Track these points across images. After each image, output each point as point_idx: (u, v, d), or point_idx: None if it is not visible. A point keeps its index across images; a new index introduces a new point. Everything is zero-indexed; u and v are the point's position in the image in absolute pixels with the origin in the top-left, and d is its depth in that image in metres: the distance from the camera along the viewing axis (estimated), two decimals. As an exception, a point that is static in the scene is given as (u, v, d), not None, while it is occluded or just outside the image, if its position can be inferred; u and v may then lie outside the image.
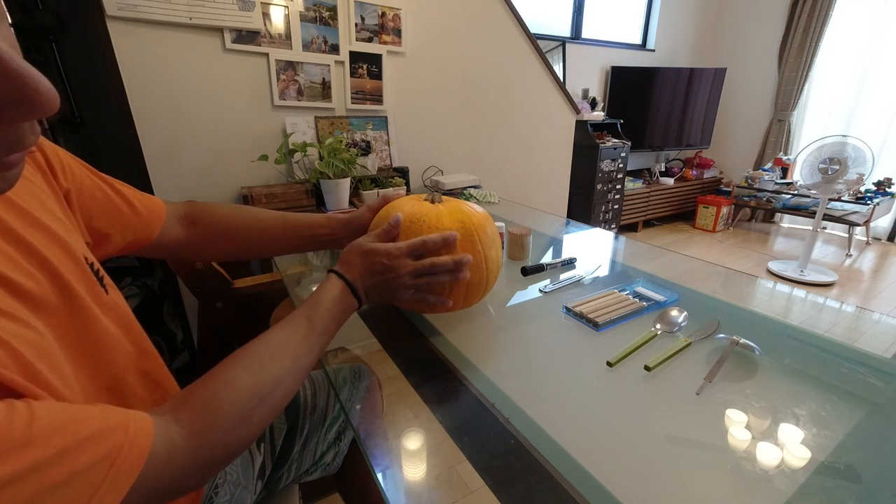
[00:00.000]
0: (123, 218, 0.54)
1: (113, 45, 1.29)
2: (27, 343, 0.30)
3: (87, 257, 0.41)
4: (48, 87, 0.23)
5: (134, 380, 0.43)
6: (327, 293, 0.52)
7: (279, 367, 0.43)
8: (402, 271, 0.56)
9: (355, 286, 0.55)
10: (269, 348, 0.44)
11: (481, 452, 0.45)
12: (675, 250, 1.65)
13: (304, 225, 0.74)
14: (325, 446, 0.72)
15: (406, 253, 0.57)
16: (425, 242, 0.58)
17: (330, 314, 0.51)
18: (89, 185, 0.50)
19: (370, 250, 0.57)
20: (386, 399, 0.65)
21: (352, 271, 0.55)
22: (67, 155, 0.48)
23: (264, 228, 0.72)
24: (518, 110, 2.25)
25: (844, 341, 0.65)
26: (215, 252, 0.70)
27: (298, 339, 0.47)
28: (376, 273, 0.56)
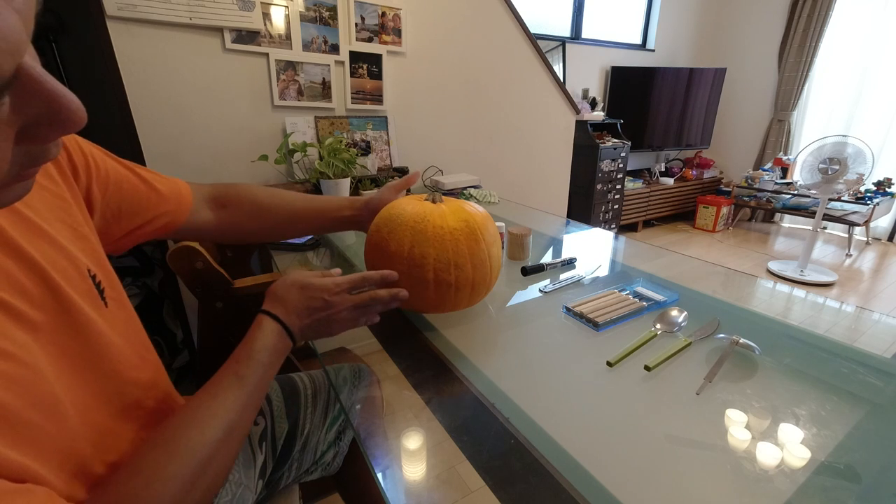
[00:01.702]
0: (150, 204, 0.55)
1: (113, 45, 1.29)
2: (8, 380, 0.29)
3: (91, 269, 0.41)
4: (78, 105, 0.24)
5: (139, 392, 0.43)
6: (260, 343, 0.48)
7: (209, 441, 0.39)
8: (342, 307, 0.54)
9: (290, 326, 0.51)
10: (195, 423, 0.39)
11: (481, 452, 0.45)
12: (675, 250, 1.65)
13: (329, 207, 0.77)
14: (326, 446, 0.72)
15: (346, 289, 0.55)
16: (365, 279, 0.57)
17: (263, 367, 0.46)
18: (115, 176, 0.50)
19: (308, 285, 0.53)
20: (386, 399, 0.65)
21: (287, 310, 0.51)
22: (91, 146, 0.48)
23: (293, 210, 0.74)
24: (518, 110, 2.25)
25: (844, 341, 0.65)
26: (245, 233, 0.72)
27: (229, 404, 0.42)
28: (315, 310, 0.53)
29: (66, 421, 0.33)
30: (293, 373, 0.76)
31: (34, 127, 0.23)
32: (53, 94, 0.23)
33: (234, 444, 0.42)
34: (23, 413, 0.29)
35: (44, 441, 0.31)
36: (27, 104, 0.22)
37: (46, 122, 0.23)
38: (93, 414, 0.37)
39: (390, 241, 0.62)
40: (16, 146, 0.23)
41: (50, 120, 0.23)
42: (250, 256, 1.65)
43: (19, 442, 0.28)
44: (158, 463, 0.36)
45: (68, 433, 0.33)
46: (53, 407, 0.32)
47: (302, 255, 1.07)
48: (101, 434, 0.37)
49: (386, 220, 0.65)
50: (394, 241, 0.62)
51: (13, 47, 0.20)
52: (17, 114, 0.22)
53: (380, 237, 0.64)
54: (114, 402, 0.39)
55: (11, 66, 0.20)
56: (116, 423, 0.39)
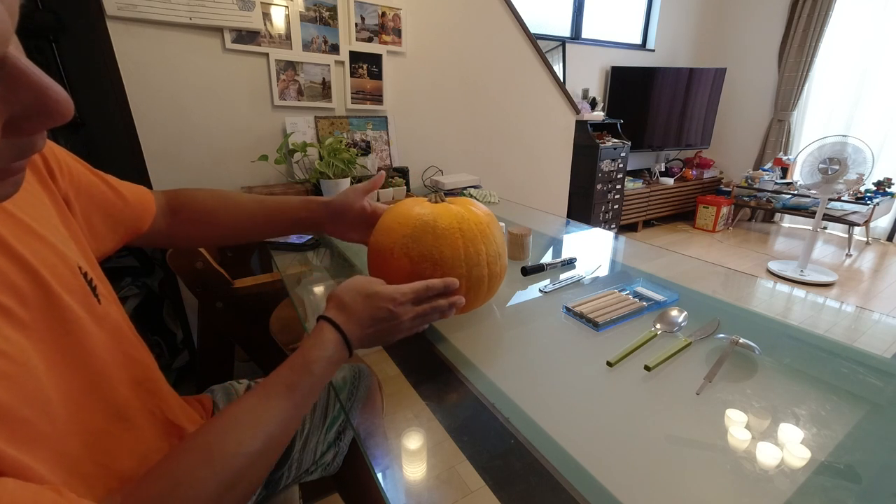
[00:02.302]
0: (118, 213, 0.54)
1: (113, 45, 1.29)
2: (2, 378, 0.29)
3: (82, 266, 0.41)
4: (65, 97, 0.24)
5: (128, 391, 0.42)
6: (317, 352, 0.46)
7: (246, 452, 0.37)
8: (405, 318, 0.53)
9: (350, 337, 0.48)
10: (236, 429, 0.38)
11: (481, 452, 0.45)
12: (675, 250, 1.65)
13: (283, 208, 0.73)
14: (325, 446, 0.72)
15: (412, 299, 0.53)
16: (428, 287, 0.55)
17: (316, 378, 0.45)
18: (86, 184, 0.49)
19: (374, 294, 0.51)
20: (386, 399, 0.65)
21: (350, 319, 0.49)
22: (64, 153, 0.48)
23: (244, 213, 0.71)
24: (518, 110, 2.25)
25: (844, 341, 0.65)
26: (194, 239, 0.69)
27: (273, 415, 0.40)
28: (380, 320, 0.51)
29: (57, 419, 0.33)
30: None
31: (20, 119, 0.23)
32: (39, 85, 0.23)
33: (272, 457, 0.41)
34: (17, 410, 0.29)
35: (38, 439, 0.31)
36: (13, 95, 0.22)
37: (33, 113, 0.23)
38: (84, 413, 0.36)
39: (389, 245, 0.62)
40: (2, 139, 0.23)
41: (36, 112, 0.23)
42: (250, 256, 1.65)
43: (15, 439, 0.28)
44: (191, 468, 0.35)
45: (59, 432, 0.33)
46: (45, 405, 0.32)
47: (302, 255, 1.07)
48: (92, 434, 0.37)
49: (389, 220, 0.65)
50: (391, 243, 0.62)
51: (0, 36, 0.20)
52: (3, 105, 0.22)
53: (379, 240, 0.64)
54: (105, 402, 0.39)
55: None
56: (108, 423, 0.39)
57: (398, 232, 0.62)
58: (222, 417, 0.39)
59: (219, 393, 0.70)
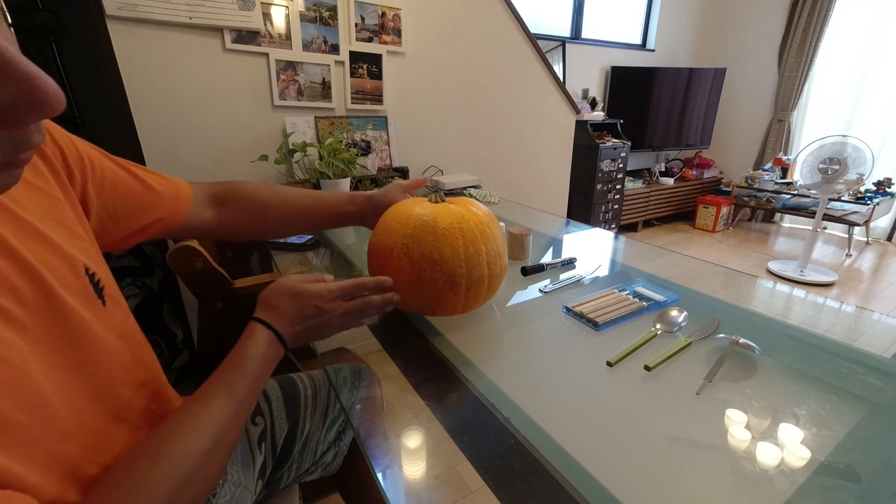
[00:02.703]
0: (147, 205, 0.54)
1: (113, 45, 1.29)
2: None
3: (90, 267, 0.41)
4: (55, 88, 0.24)
5: (130, 392, 0.43)
6: (251, 350, 0.47)
7: (194, 452, 0.38)
8: (335, 313, 0.54)
9: (282, 333, 0.50)
10: (181, 432, 0.39)
11: (481, 452, 0.45)
12: (675, 250, 1.65)
13: (330, 202, 0.76)
14: (326, 446, 0.72)
15: (339, 296, 0.55)
16: (358, 285, 0.56)
17: (253, 375, 0.46)
18: (111, 177, 0.50)
19: (302, 292, 0.53)
20: (386, 399, 0.65)
21: (279, 317, 0.51)
22: (88, 147, 0.48)
23: (292, 207, 0.73)
24: (518, 110, 2.25)
25: (844, 341, 0.65)
26: (246, 231, 0.72)
27: (216, 413, 0.41)
28: (308, 317, 0.52)
29: (55, 422, 0.33)
30: (293, 373, 0.76)
31: (10, 111, 0.23)
32: (27, 75, 0.23)
33: (222, 454, 0.41)
34: (10, 415, 0.29)
35: (31, 442, 0.31)
36: (1, 86, 0.22)
37: (22, 105, 0.23)
38: (85, 415, 0.36)
39: (389, 246, 0.62)
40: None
41: (26, 103, 0.23)
42: (250, 256, 1.65)
43: (5, 443, 0.28)
44: (142, 472, 0.35)
45: (58, 434, 0.33)
46: (42, 408, 0.32)
47: (302, 255, 1.07)
48: (93, 435, 0.37)
49: (389, 220, 0.65)
50: (391, 244, 0.62)
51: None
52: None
53: (380, 242, 0.64)
54: (106, 403, 0.39)
55: None
56: (109, 424, 0.39)
57: (398, 232, 0.62)
58: (168, 422, 0.39)
59: (219, 393, 0.70)
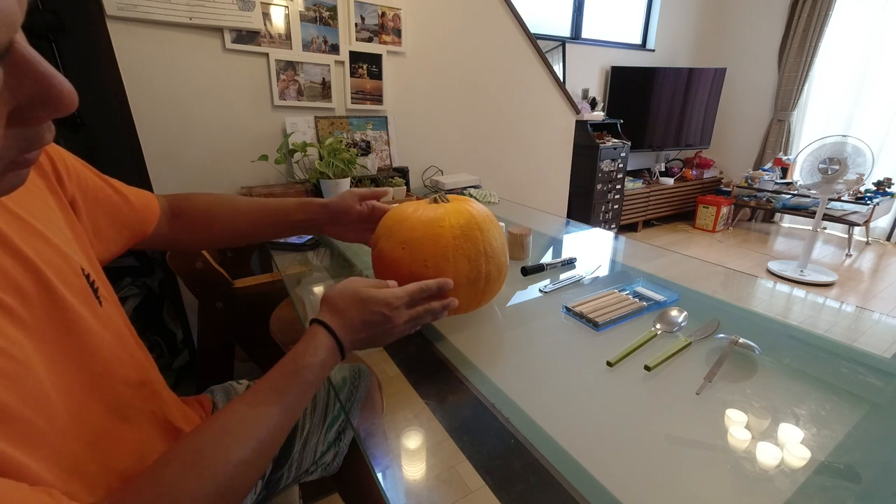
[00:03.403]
0: (123, 217, 0.54)
1: (113, 45, 1.29)
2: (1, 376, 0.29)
3: (85, 268, 0.41)
4: (70, 88, 0.25)
5: (130, 391, 0.43)
6: (310, 356, 0.45)
7: (236, 461, 0.37)
8: (399, 321, 0.52)
9: (343, 341, 0.48)
10: (225, 437, 0.38)
11: (481, 452, 0.45)
12: (675, 250, 1.65)
13: (281, 211, 0.73)
14: (325, 446, 0.72)
15: (406, 302, 0.52)
16: (423, 289, 0.54)
17: (307, 384, 0.44)
18: (93, 188, 0.50)
19: (368, 298, 0.50)
20: (386, 399, 0.65)
21: (344, 324, 0.49)
22: (72, 157, 0.48)
23: (242, 217, 0.72)
24: (518, 110, 2.25)
25: (844, 341, 0.65)
26: (197, 242, 0.71)
27: (263, 421, 0.40)
28: (373, 324, 0.50)
29: (57, 419, 0.33)
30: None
31: (26, 108, 0.24)
32: (45, 74, 0.24)
33: (262, 463, 0.40)
34: (17, 409, 0.29)
35: (37, 438, 0.31)
36: (19, 84, 0.23)
37: (39, 103, 0.24)
38: (85, 412, 0.36)
39: (390, 247, 0.62)
40: (8, 129, 0.24)
41: (42, 101, 0.24)
42: (250, 256, 1.65)
43: (13, 438, 0.28)
44: (180, 476, 0.34)
45: (60, 431, 0.33)
46: (45, 404, 0.32)
47: (302, 255, 1.07)
48: (93, 433, 0.37)
49: (391, 221, 0.65)
50: (392, 245, 0.62)
51: (8, 19, 0.20)
52: (10, 93, 0.23)
53: (382, 245, 0.64)
54: (107, 401, 0.39)
55: (6, 38, 0.21)
56: (109, 422, 0.39)
57: (399, 236, 0.62)
58: (212, 424, 0.38)
59: (218, 393, 0.70)
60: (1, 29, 0.20)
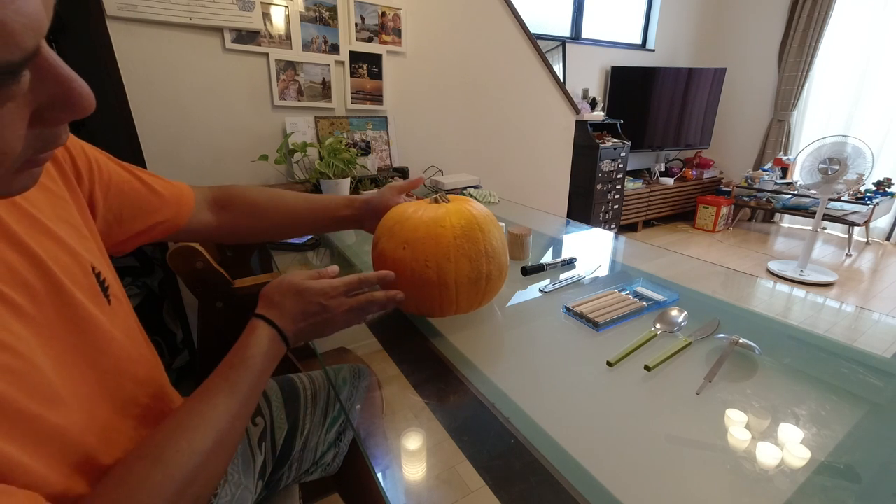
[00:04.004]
0: (152, 208, 0.55)
1: (113, 45, 1.29)
2: (5, 371, 0.29)
3: (96, 267, 0.41)
4: (89, 91, 0.26)
5: (137, 388, 0.43)
6: (254, 347, 0.47)
7: (197, 451, 0.37)
8: (339, 310, 0.53)
9: (285, 331, 0.49)
10: (184, 431, 0.38)
11: (481, 452, 0.45)
12: (675, 250, 1.65)
13: (328, 206, 0.77)
14: (325, 446, 0.72)
15: (343, 292, 0.54)
16: (362, 281, 0.56)
17: (256, 373, 0.45)
18: (117, 180, 0.51)
19: (305, 289, 0.52)
20: (386, 399, 0.65)
21: (283, 315, 0.50)
22: (94, 150, 0.49)
23: (290, 211, 0.75)
24: (518, 110, 2.25)
25: (844, 341, 0.65)
26: (244, 234, 0.73)
27: (219, 412, 0.41)
28: (311, 314, 0.52)
29: (69, 413, 0.33)
30: (293, 373, 0.76)
31: (47, 109, 0.25)
32: (67, 78, 0.25)
33: (225, 453, 0.41)
34: (21, 404, 0.29)
35: (44, 432, 0.31)
36: (42, 86, 0.24)
37: (59, 104, 0.25)
38: (96, 408, 0.37)
39: (392, 248, 0.62)
40: (29, 129, 0.24)
41: (62, 103, 0.25)
42: (250, 256, 1.64)
43: (14, 433, 0.29)
44: (144, 472, 0.35)
45: (73, 425, 0.33)
46: (54, 399, 0.32)
47: (302, 255, 1.07)
48: (105, 429, 0.37)
49: (390, 221, 0.65)
50: (393, 246, 0.62)
51: (36, 24, 0.21)
52: (32, 95, 0.24)
53: (382, 245, 0.64)
54: (114, 398, 0.40)
55: (34, 42, 0.22)
56: (117, 419, 0.40)
57: (401, 236, 0.62)
58: (171, 420, 0.39)
59: (218, 393, 0.70)
60: (29, 34, 0.21)
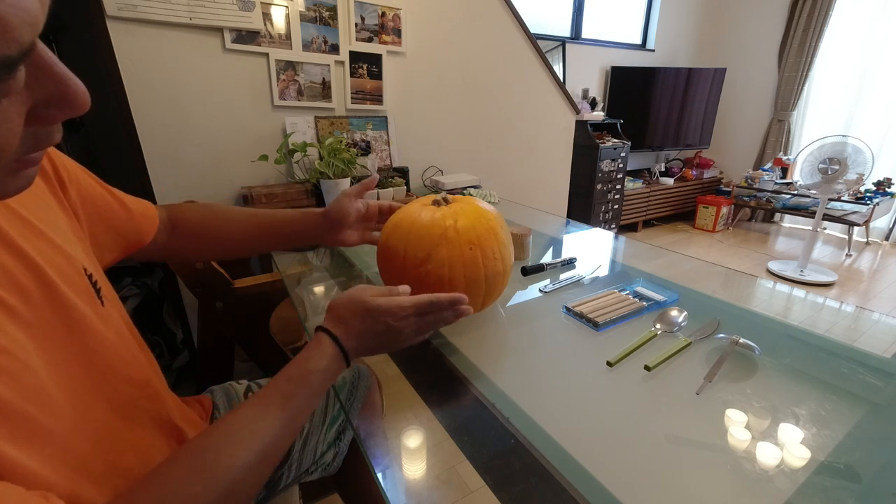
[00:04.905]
0: (122, 225, 0.54)
1: (113, 45, 1.29)
2: (1, 373, 0.29)
3: (87, 268, 0.41)
4: (83, 89, 0.26)
5: (132, 390, 0.43)
6: (315, 364, 0.45)
7: (240, 465, 0.36)
8: (406, 330, 0.51)
9: (348, 350, 0.47)
10: (230, 441, 0.37)
11: (481, 452, 0.45)
12: (675, 250, 1.65)
13: (277, 223, 0.72)
14: (325, 446, 0.72)
15: (412, 313, 0.51)
16: (432, 303, 0.52)
17: (312, 390, 0.44)
18: (93, 195, 0.50)
19: (374, 308, 0.49)
20: (386, 399, 0.65)
21: (349, 333, 0.48)
22: (72, 163, 0.48)
23: (237, 228, 0.70)
24: (518, 110, 2.25)
25: (844, 341, 0.65)
26: (192, 254, 0.69)
27: (267, 426, 0.40)
28: (379, 334, 0.49)
29: (62, 417, 0.33)
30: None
31: (43, 107, 0.25)
32: (62, 75, 0.25)
33: (268, 467, 0.40)
34: (19, 407, 0.29)
35: (41, 436, 0.31)
36: (38, 84, 0.24)
37: (55, 103, 0.25)
38: (91, 411, 0.37)
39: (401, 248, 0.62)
40: (24, 127, 0.25)
41: (58, 100, 0.25)
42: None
43: (14, 435, 0.28)
44: (183, 480, 0.34)
45: (66, 429, 0.33)
46: (48, 402, 0.32)
47: (302, 255, 1.07)
48: (100, 432, 0.37)
49: (393, 226, 0.65)
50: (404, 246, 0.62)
51: (33, 19, 0.21)
52: (28, 93, 0.24)
53: (391, 244, 0.64)
54: (110, 400, 0.39)
55: (30, 37, 0.22)
56: (113, 421, 0.39)
57: (407, 236, 0.62)
58: (217, 429, 0.38)
59: (218, 393, 0.70)
60: (25, 28, 0.21)
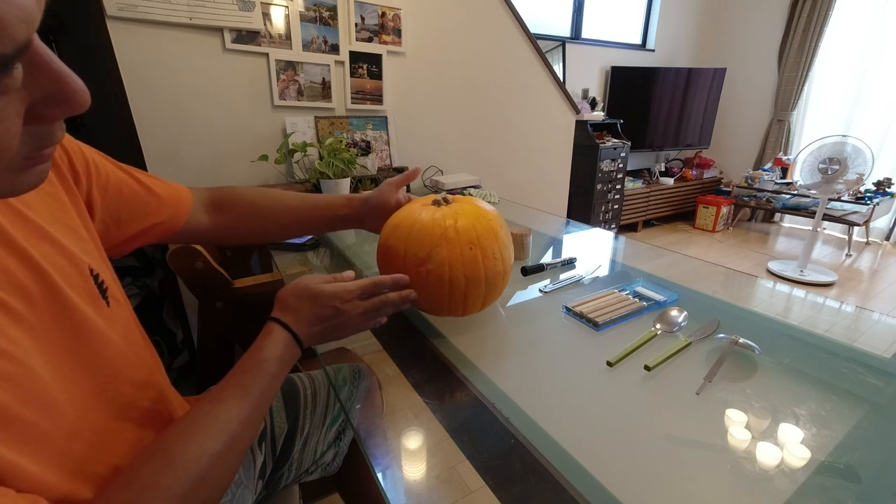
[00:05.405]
0: (149, 209, 0.55)
1: (113, 45, 1.29)
2: (1, 378, 0.29)
3: (94, 268, 0.41)
4: (83, 87, 0.26)
5: (135, 392, 0.43)
6: (268, 351, 0.47)
7: (207, 453, 0.37)
8: (353, 313, 0.53)
9: (299, 334, 0.50)
10: (195, 433, 0.38)
11: (481, 452, 0.45)
12: (675, 250, 1.65)
13: (326, 205, 0.76)
14: (325, 446, 0.72)
15: (358, 295, 0.54)
16: (376, 284, 0.56)
17: (269, 377, 0.45)
18: (115, 181, 0.50)
19: (320, 293, 0.52)
20: (386, 399, 0.65)
21: (298, 319, 0.50)
22: (91, 151, 0.48)
23: (288, 211, 0.74)
24: (518, 110, 2.25)
25: (844, 341, 0.65)
26: (241, 235, 0.72)
27: (231, 415, 0.41)
28: (326, 318, 0.52)
29: (62, 419, 0.33)
30: (293, 373, 0.76)
31: (41, 106, 0.25)
32: (60, 73, 0.25)
33: (235, 456, 0.41)
34: (17, 410, 0.29)
35: (39, 439, 0.31)
36: (36, 81, 0.24)
37: (53, 101, 0.25)
38: (91, 413, 0.37)
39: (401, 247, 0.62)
40: (24, 126, 0.24)
41: (57, 99, 0.25)
42: (250, 256, 1.65)
43: (11, 440, 0.28)
44: (153, 474, 0.34)
45: (65, 432, 0.33)
46: (48, 405, 0.32)
47: (302, 255, 1.07)
48: (99, 433, 0.37)
49: (394, 226, 0.64)
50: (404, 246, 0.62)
51: (28, 16, 0.21)
52: (26, 91, 0.23)
53: (391, 244, 0.64)
54: (112, 402, 0.39)
55: (26, 34, 0.21)
56: (115, 423, 0.39)
57: (408, 236, 0.62)
58: (181, 423, 0.39)
59: (219, 393, 0.70)
60: (21, 25, 0.21)
